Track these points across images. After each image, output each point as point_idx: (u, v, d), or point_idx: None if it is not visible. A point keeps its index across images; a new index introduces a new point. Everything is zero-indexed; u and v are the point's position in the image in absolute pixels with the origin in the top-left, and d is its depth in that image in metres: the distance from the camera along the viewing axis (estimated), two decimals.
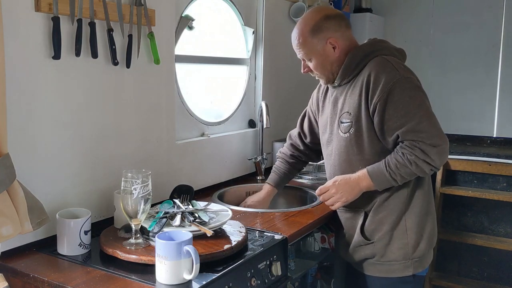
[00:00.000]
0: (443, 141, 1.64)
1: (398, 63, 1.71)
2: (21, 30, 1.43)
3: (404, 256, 1.75)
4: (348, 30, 1.78)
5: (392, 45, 1.81)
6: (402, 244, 1.75)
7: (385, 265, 1.77)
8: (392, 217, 1.75)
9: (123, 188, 1.43)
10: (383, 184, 1.70)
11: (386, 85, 1.64)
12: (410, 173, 1.66)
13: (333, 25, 1.74)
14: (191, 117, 2.24)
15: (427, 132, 1.62)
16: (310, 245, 2.22)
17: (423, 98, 1.67)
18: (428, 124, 1.63)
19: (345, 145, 1.77)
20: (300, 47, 1.77)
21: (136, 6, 1.75)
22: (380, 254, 1.77)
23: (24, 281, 1.38)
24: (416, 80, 1.70)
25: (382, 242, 1.77)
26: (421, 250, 1.76)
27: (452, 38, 3.30)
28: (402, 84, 1.64)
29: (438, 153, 1.62)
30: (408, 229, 1.75)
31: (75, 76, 1.60)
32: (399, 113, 1.63)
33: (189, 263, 1.28)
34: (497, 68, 3.17)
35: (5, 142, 1.34)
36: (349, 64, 1.74)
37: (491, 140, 3.19)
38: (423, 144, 1.61)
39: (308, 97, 3.11)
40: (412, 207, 1.76)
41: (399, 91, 1.63)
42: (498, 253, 2.85)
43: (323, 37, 1.73)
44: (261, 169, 2.54)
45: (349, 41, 1.77)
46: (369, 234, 1.79)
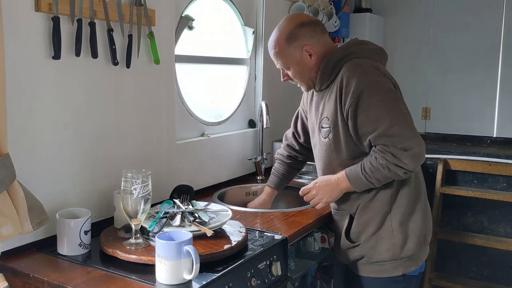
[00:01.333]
0: (415, 143, 1.60)
1: (370, 66, 1.68)
2: (21, 30, 1.43)
3: (393, 256, 1.75)
4: (323, 36, 1.77)
5: (371, 45, 1.79)
6: (389, 245, 1.75)
7: (375, 265, 1.78)
8: (377, 219, 1.75)
9: (123, 188, 1.43)
10: (361, 186, 1.70)
11: (356, 90, 1.62)
12: (384, 177, 1.65)
13: (308, 31, 1.73)
14: (191, 117, 2.25)
15: (398, 136, 1.59)
16: (310, 245, 2.22)
17: (394, 100, 1.65)
18: (399, 127, 1.60)
19: (325, 150, 1.79)
20: (277, 56, 1.78)
21: (136, 6, 1.75)
22: (368, 255, 1.77)
23: (24, 281, 1.38)
24: (387, 83, 1.67)
25: (368, 244, 1.76)
26: (410, 249, 1.75)
27: (452, 38, 3.31)
28: (371, 88, 1.62)
29: (410, 156, 1.59)
30: (394, 229, 1.74)
31: (75, 76, 1.60)
32: (370, 118, 1.62)
33: (189, 263, 1.28)
34: (497, 68, 3.18)
35: (5, 142, 1.34)
36: (324, 70, 1.73)
37: (491, 140, 3.19)
38: (394, 148, 1.59)
39: None
40: (397, 207, 1.75)
41: (368, 96, 1.61)
42: (498, 253, 2.85)
43: (299, 45, 1.73)
44: (261, 169, 2.54)
45: (325, 46, 1.76)
46: (354, 237, 1.79)
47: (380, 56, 1.78)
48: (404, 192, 1.75)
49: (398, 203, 1.75)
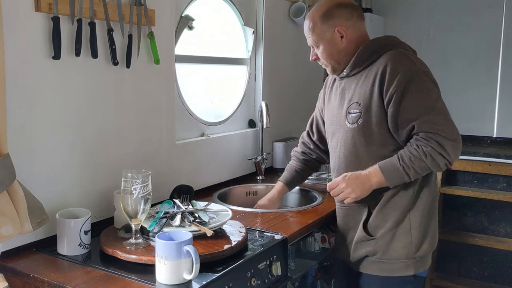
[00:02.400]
0: (457, 136, 1.62)
1: (415, 57, 1.71)
2: (21, 30, 1.43)
3: (407, 255, 1.71)
4: (360, 21, 1.77)
5: (402, 42, 1.79)
6: (405, 243, 1.71)
7: (387, 264, 1.73)
8: (396, 214, 1.71)
9: (123, 188, 1.43)
10: (395, 179, 1.65)
11: (404, 76, 1.62)
12: (424, 167, 1.62)
13: (344, 13, 1.73)
14: (191, 117, 2.24)
15: (443, 125, 1.60)
16: (310, 245, 2.22)
17: (439, 94, 1.67)
18: (444, 118, 1.62)
19: (351, 136, 1.73)
20: (309, 32, 1.77)
21: (136, 6, 1.75)
22: (382, 251, 1.72)
23: (24, 281, 1.38)
24: (432, 76, 1.69)
25: (385, 239, 1.72)
26: (423, 250, 1.73)
27: (452, 38, 3.30)
28: (420, 76, 1.64)
29: (453, 147, 1.60)
30: (413, 228, 1.71)
31: (75, 76, 1.60)
32: (416, 104, 1.61)
33: (189, 263, 1.28)
34: (497, 68, 3.17)
35: (5, 142, 1.34)
36: (361, 54, 1.72)
37: (491, 140, 3.19)
38: (438, 136, 1.59)
39: (307, 97, 3.12)
40: (418, 205, 1.72)
41: (416, 83, 1.62)
42: (498, 253, 2.85)
43: (332, 24, 1.72)
44: (261, 169, 2.54)
45: (359, 32, 1.76)
46: (372, 230, 1.75)
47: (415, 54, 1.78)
48: (425, 191, 1.74)
49: (419, 201, 1.73)
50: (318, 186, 2.36)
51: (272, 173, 2.67)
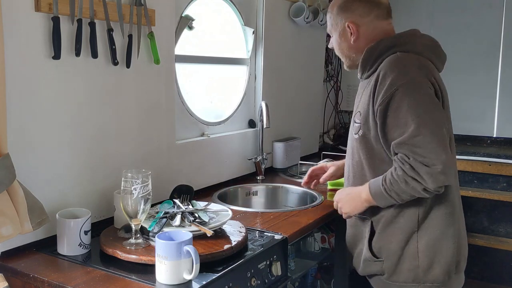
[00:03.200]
0: (438, 161, 1.40)
1: (412, 63, 1.52)
2: (21, 30, 1.43)
3: (414, 279, 1.58)
4: (378, 21, 1.63)
5: (427, 40, 1.65)
6: (412, 266, 1.58)
7: (395, 285, 1.62)
8: (401, 236, 1.59)
9: (123, 188, 1.43)
10: (382, 199, 1.54)
11: (390, 88, 1.47)
12: (403, 191, 1.47)
13: (361, 9, 1.62)
14: (191, 117, 2.24)
15: (422, 148, 1.42)
16: (310, 245, 2.23)
17: (429, 107, 1.46)
18: (425, 138, 1.42)
19: (356, 146, 1.64)
20: (328, 19, 1.72)
21: (136, 6, 1.75)
22: (389, 273, 1.61)
23: (24, 281, 1.38)
24: (427, 85, 1.49)
25: (391, 261, 1.60)
26: (435, 275, 1.57)
27: (452, 38, 3.30)
28: (407, 88, 1.46)
29: (429, 173, 1.41)
30: (420, 251, 1.57)
31: (75, 76, 1.60)
32: (398, 121, 1.46)
33: (189, 263, 1.28)
34: (497, 68, 3.18)
35: (5, 142, 1.34)
36: (366, 58, 1.61)
37: (491, 140, 3.19)
38: (414, 160, 1.42)
39: (307, 97, 3.12)
40: (426, 228, 1.57)
41: (401, 97, 1.46)
42: (498, 253, 2.86)
43: (345, 17, 1.64)
44: (261, 169, 2.54)
45: (374, 31, 1.62)
46: (376, 251, 1.63)
47: (434, 53, 1.62)
48: (437, 212, 1.57)
49: (428, 223, 1.57)
50: (318, 186, 2.36)
51: (272, 173, 2.67)
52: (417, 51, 1.57)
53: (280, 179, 2.55)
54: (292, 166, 2.76)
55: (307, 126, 3.12)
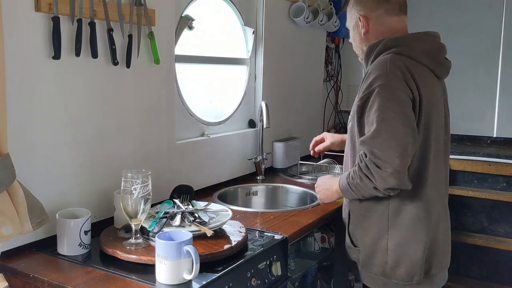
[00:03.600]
0: (390, 164, 1.47)
1: (398, 68, 1.54)
2: (21, 30, 1.43)
3: (383, 272, 1.67)
4: (387, 17, 1.66)
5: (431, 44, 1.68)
6: (381, 262, 1.66)
7: (368, 275, 1.72)
8: (375, 231, 1.67)
9: (123, 188, 1.43)
10: (346, 193, 1.65)
11: (369, 87, 1.54)
12: (359, 187, 1.57)
13: (371, 3, 1.67)
14: (191, 117, 2.24)
15: (379, 150, 1.49)
16: (310, 245, 2.23)
17: (397, 114, 1.50)
18: (384, 142, 1.48)
19: (347, 137, 1.75)
20: (347, 14, 1.78)
21: (136, 6, 1.75)
22: (363, 263, 1.71)
23: (24, 281, 1.38)
24: (403, 93, 1.52)
25: (365, 253, 1.70)
26: (401, 275, 1.64)
27: (452, 38, 3.30)
28: (382, 91, 1.52)
29: (379, 174, 1.49)
30: (389, 249, 1.64)
31: (75, 76, 1.60)
32: (367, 120, 1.54)
33: (189, 263, 1.28)
34: (497, 68, 3.17)
35: (5, 142, 1.34)
36: (367, 54, 1.69)
37: (491, 140, 3.19)
38: (369, 159, 1.51)
39: (307, 97, 3.12)
40: (397, 228, 1.63)
41: (374, 98, 1.52)
42: (498, 253, 2.85)
43: (357, 10, 1.70)
44: (261, 169, 2.54)
45: (383, 26, 1.66)
46: (355, 239, 1.74)
47: (430, 59, 1.65)
48: (406, 214, 1.63)
49: (398, 223, 1.63)
50: None
51: (272, 173, 2.67)
52: (411, 55, 1.60)
53: (280, 179, 2.55)
54: (292, 166, 2.76)
55: (307, 126, 3.12)
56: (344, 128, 3.66)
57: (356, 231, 1.74)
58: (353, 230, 1.75)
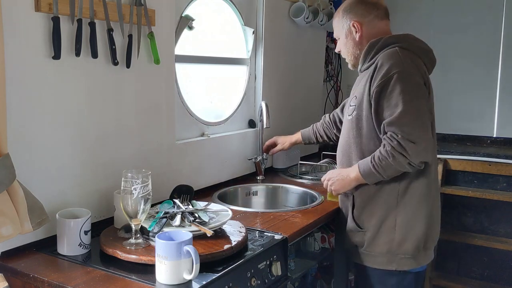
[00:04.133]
0: (422, 139, 1.66)
1: (408, 57, 1.73)
2: (21, 30, 1.43)
3: (388, 250, 1.79)
4: (377, 20, 1.86)
5: (422, 44, 1.84)
6: (388, 239, 1.78)
7: (371, 256, 1.83)
8: (382, 210, 1.79)
9: (123, 188, 1.43)
10: (370, 176, 1.75)
11: (386, 74, 1.69)
12: (390, 166, 1.69)
13: (361, 10, 1.85)
14: (191, 117, 2.24)
15: (408, 127, 1.65)
16: (310, 245, 2.23)
17: (418, 95, 1.70)
18: (412, 119, 1.66)
19: (348, 127, 1.86)
20: (334, 25, 1.95)
21: (136, 6, 1.75)
22: (368, 243, 1.82)
23: (24, 281, 1.38)
24: (418, 77, 1.72)
25: (371, 233, 1.81)
26: (407, 249, 1.78)
27: (452, 38, 3.30)
28: (401, 76, 1.68)
29: (413, 148, 1.64)
30: (397, 225, 1.78)
31: (75, 76, 1.60)
32: (389, 104, 1.68)
33: (189, 263, 1.28)
34: (497, 68, 3.17)
35: (5, 142, 1.34)
36: (367, 50, 1.82)
37: (491, 140, 3.19)
38: (402, 137, 1.64)
39: (307, 97, 3.12)
40: (404, 204, 1.78)
41: (395, 83, 1.67)
42: (498, 253, 2.85)
43: (349, 18, 1.87)
44: (261, 169, 2.54)
45: (375, 30, 1.85)
46: (360, 222, 1.84)
47: (426, 57, 1.81)
48: (414, 191, 1.78)
49: (406, 200, 1.78)
50: (318, 187, 2.36)
51: (272, 173, 2.67)
52: (413, 50, 1.78)
53: (280, 179, 2.55)
54: (292, 166, 2.76)
55: (307, 126, 3.11)
56: None
57: (362, 214, 1.84)
58: (359, 213, 1.85)
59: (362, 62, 1.86)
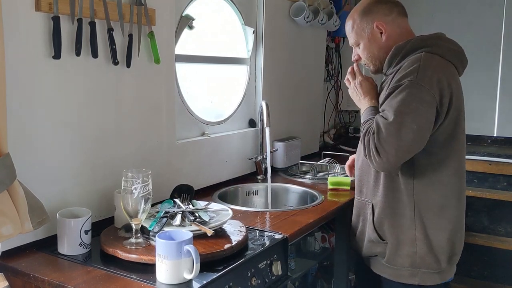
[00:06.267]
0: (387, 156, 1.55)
1: (430, 66, 1.60)
2: (21, 30, 1.43)
3: (411, 264, 1.69)
4: (400, 18, 1.75)
5: (453, 45, 1.74)
6: (410, 252, 1.69)
7: (393, 269, 1.72)
8: (401, 222, 1.69)
9: (124, 188, 1.43)
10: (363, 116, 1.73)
11: (398, 81, 1.60)
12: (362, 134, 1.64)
13: (382, 9, 1.72)
14: (191, 117, 2.24)
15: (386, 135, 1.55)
16: (310, 245, 2.23)
17: (413, 110, 1.55)
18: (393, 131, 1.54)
19: None
20: (350, 31, 1.79)
21: (136, 5, 1.75)
22: (389, 255, 1.72)
23: (24, 281, 1.38)
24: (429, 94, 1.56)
25: (393, 245, 1.71)
26: (430, 263, 1.68)
27: (453, 38, 3.29)
28: (410, 86, 1.57)
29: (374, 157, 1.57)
30: (418, 239, 1.68)
31: (76, 75, 1.60)
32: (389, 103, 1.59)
33: (190, 262, 1.28)
34: (497, 68, 3.17)
35: (5, 142, 1.34)
36: (393, 55, 1.70)
37: (492, 140, 3.19)
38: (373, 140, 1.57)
39: (308, 96, 3.12)
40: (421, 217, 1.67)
41: (401, 90, 1.57)
42: (499, 252, 2.86)
43: (371, 20, 1.72)
44: (262, 169, 2.53)
45: (400, 29, 1.73)
46: (382, 233, 1.73)
47: (456, 58, 1.70)
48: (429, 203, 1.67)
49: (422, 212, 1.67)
50: (319, 186, 2.36)
51: (273, 172, 2.66)
52: (441, 53, 1.66)
53: (281, 179, 2.55)
54: (293, 166, 2.76)
55: (307, 126, 3.12)
56: (345, 127, 3.67)
57: (384, 225, 1.72)
58: (380, 224, 1.73)
59: (387, 66, 1.73)
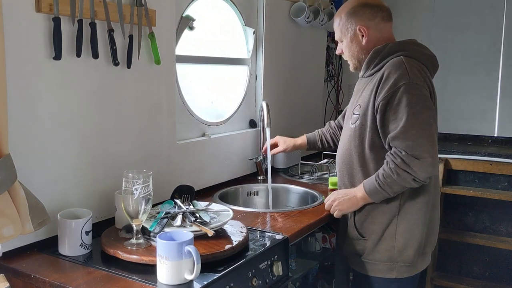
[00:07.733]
0: (429, 154, 1.63)
1: (414, 67, 1.69)
2: (21, 31, 1.44)
3: (389, 258, 1.78)
4: (383, 23, 1.81)
5: (426, 50, 1.81)
6: (389, 246, 1.77)
7: (371, 264, 1.81)
8: (384, 218, 1.78)
9: (124, 189, 1.43)
10: (377, 195, 1.73)
11: (393, 86, 1.66)
12: (395, 183, 1.67)
13: (367, 13, 1.79)
14: (192, 117, 2.25)
15: (413, 141, 1.62)
16: (311, 245, 2.22)
17: (424, 107, 1.66)
18: (417, 133, 1.63)
19: (349, 135, 1.83)
20: (336, 26, 1.88)
21: (136, 6, 1.75)
22: (368, 251, 1.81)
23: (25, 282, 1.38)
24: (424, 88, 1.68)
25: (372, 241, 1.80)
26: (408, 256, 1.77)
27: (453, 38, 3.30)
28: (408, 88, 1.64)
29: (420, 165, 1.62)
30: (398, 233, 1.76)
31: (76, 76, 1.60)
32: (395, 116, 1.65)
33: (190, 263, 1.28)
34: (498, 67, 3.17)
35: (6, 143, 1.34)
36: (371, 58, 1.78)
37: (492, 140, 3.19)
38: (406, 154, 1.63)
39: (308, 97, 3.12)
40: (405, 213, 1.77)
41: (401, 95, 1.64)
42: (499, 252, 2.85)
43: (355, 22, 1.80)
44: (262, 169, 2.54)
45: (381, 33, 1.80)
46: (362, 231, 1.83)
47: (430, 63, 1.78)
48: (416, 200, 1.76)
49: (407, 209, 1.76)
50: (319, 186, 2.36)
51: (273, 173, 2.66)
52: (417, 57, 1.75)
53: (281, 179, 2.55)
54: (293, 166, 2.76)
55: (308, 126, 3.11)
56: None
57: (364, 222, 1.82)
58: (361, 221, 1.82)
59: (365, 68, 1.82)
